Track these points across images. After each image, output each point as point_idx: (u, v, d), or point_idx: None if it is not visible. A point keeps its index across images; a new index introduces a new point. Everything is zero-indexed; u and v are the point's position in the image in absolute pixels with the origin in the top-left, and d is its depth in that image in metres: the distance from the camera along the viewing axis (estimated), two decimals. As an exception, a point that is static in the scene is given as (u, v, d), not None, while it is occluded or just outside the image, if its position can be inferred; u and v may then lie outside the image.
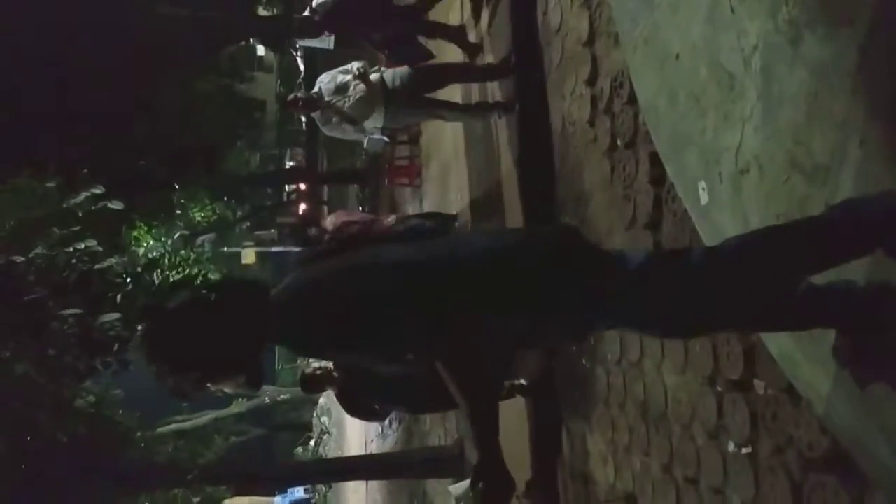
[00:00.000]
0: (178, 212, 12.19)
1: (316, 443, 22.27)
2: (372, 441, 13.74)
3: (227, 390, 2.02)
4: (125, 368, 5.59)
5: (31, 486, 6.05)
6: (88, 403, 6.84)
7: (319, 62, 17.85)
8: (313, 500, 20.54)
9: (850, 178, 1.98)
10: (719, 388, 3.15)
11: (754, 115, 2.33)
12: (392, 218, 8.07)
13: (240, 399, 23.23)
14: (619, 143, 4.02)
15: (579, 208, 4.64)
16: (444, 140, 8.51)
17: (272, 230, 23.73)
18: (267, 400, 23.53)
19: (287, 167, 26.72)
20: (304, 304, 1.91)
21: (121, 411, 9.21)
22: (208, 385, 1.97)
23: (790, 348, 2.35)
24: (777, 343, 2.45)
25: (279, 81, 26.33)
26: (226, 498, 17.43)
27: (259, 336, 1.94)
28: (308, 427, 24.76)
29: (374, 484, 13.09)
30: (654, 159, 3.56)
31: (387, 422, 12.48)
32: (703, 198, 2.71)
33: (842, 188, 2.00)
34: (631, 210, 3.85)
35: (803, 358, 2.27)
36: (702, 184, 2.69)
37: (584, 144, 4.55)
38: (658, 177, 3.58)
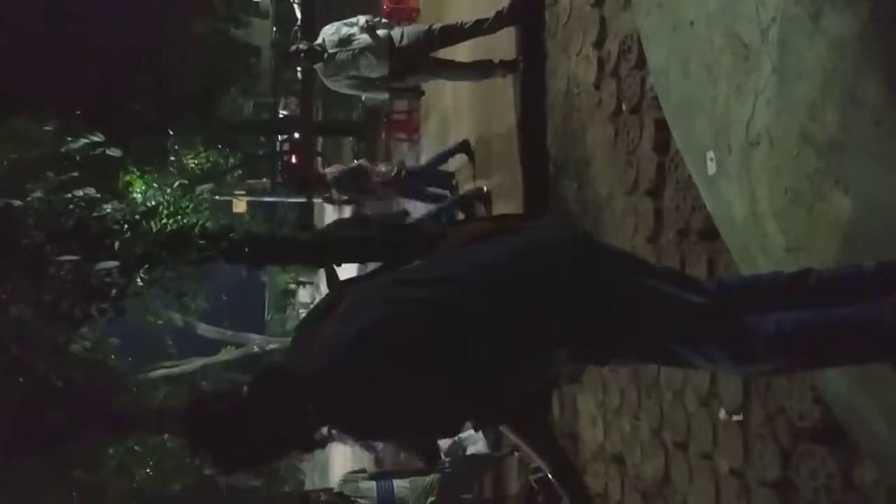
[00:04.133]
0: (172, 158, 12.11)
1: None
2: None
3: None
4: (121, 316, 5.60)
5: (26, 427, 6.10)
6: (84, 349, 6.85)
7: (317, 10, 17.55)
8: (299, 449, 20.74)
9: (863, 157, 1.98)
10: (714, 357, 3.20)
11: (768, 88, 2.33)
12: (394, 167, 8.01)
13: (228, 347, 23.36)
14: (624, 107, 4.00)
15: (580, 171, 4.63)
16: (445, 96, 8.43)
17: (264, 179, 23.56)
18: (256, 349, 23.65)
19: (281, 116, 26.44)
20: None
21: (113, 356, 9.26)
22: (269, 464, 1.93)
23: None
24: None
25: (275, 28, 25.89)
26: (213, 443, 17.64)
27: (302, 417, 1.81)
28: (295, 377, 24.91)
29: (360, 435, 13.24)
30: (660, 126, 3.55)
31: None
32: (711, 168, 2.71)
33: (853, 166, 2.01)
34: (633, 176, 3.85)
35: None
36: (710, 154, 2.69)
37: (588, 107, 4.52)
38: (662, 144, 3.57)
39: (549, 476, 2.09)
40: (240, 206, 21.84)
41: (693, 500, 3.33)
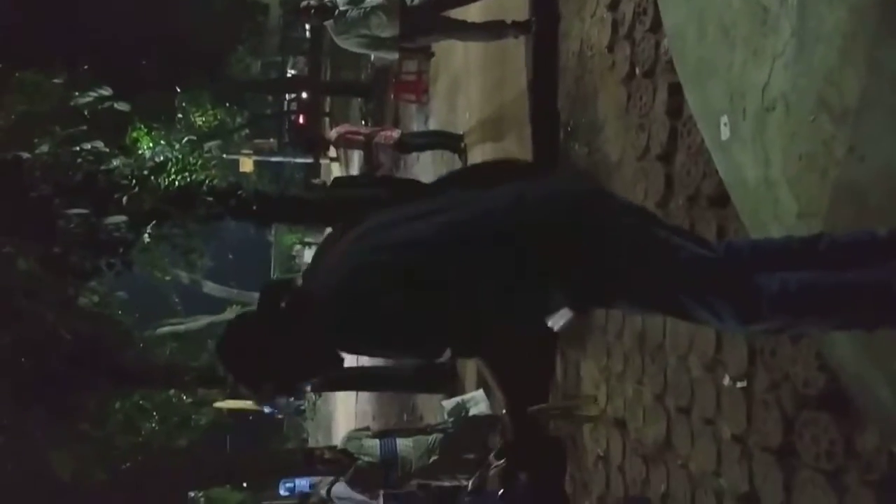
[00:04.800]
0: (180, 115, 12.05)
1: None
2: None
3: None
4: (129, 270, 5.63)
5: (33, 380, 6.16)
6: (92, 303, 6.91)
7: (327, -32, 17.33)
8: (303, 408, 20.98)
9: (880, 124, 1.96)
10: (720, 323, 3.20)
11: (786, 52, 2.30)
12: (397, 132, 8.00)
13: (234, 305, 23.48)
14: (637, 71, 3.95)
15: (591, 135, 4.60)
16: (455, 57, 8.35)
17: (271, 139, 23.47)
18: (260, 307, 23.76)
19: (289, 75, 26.26)
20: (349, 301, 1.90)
21: (120, 311, 9.32)
22: (293, 389, 2.04)
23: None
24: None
25: (284, -14, 25.62)
26: (218, 400, 17.85)
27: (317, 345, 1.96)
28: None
29: (363, 395, 13.39)
30: (673, 90, 3.52)
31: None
32: (725, 133, 2.69)
33: (870, 133, 1.99)
34: (644, 140, 3.82)
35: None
36: (724, 118, 2.66)
37: (601, 70, 4.47)
38: (675, 108, 3.54)
39: (504, 412, 2.13)
40: (247, 165, 21.78)
41: (694, 465, 3.35)
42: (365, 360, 10.88)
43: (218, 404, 18.01)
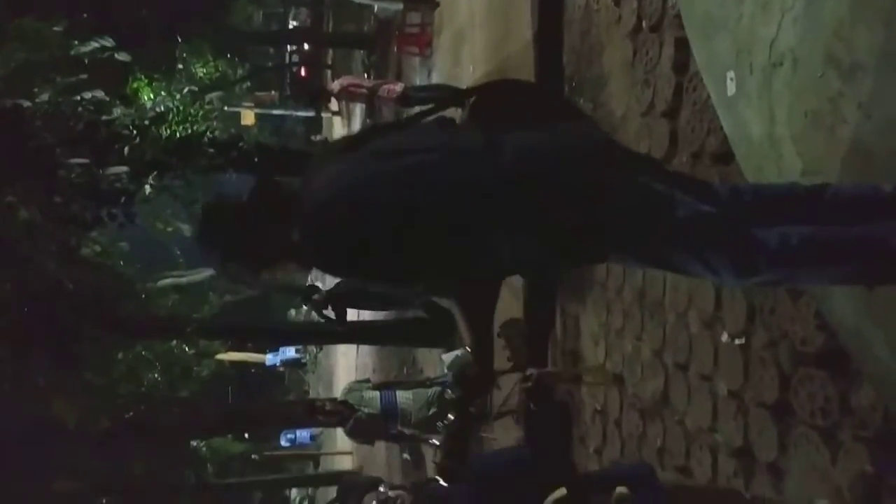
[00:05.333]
0: (180, 66, 11.92)
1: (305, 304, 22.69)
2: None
3: (282, 276, 2.10)
4: (132, 221, 5.62)
5: (35, 330, 6.20)
6: (94, 253, 6.92)
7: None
8: (304, 360, 21.17)
9: (889, 81, 1.94)
10: (720, 281, 3.21)
11: (795, 6, 2.26)
12: (399, 86, 7.91)
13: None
14: (644, 25, 3.90)
15: (595, 91, 4.56)
16: (460, 10, 8.24)
17: (273, 92, 23.27)
18: (262, 262, 23.81)
19: (291, 27, 25.93)
20: (334, 217, 1.93)
21: (122, 263, 9.34)
22: (262, 272, 2.05)
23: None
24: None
25: (286, -65, 25.13)
26: (220, 352, 18.00)
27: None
28: (301, 289, 25.16)
29: (364, 349, 13.50)
30: (680, 45, 3.47)
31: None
32: (731, 88, 2.66)
33: (878, 90, 1.97)
34: (650, 96, 3.78)
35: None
36: (730, 74, 2.63)
37: (606, 24, 4.41)
38: (681, 63, 3.50)
39: (468, 349, 2.15)
40: (248, 118, 21.62)
41: (690, 420, 3.39)
42: (366, 315, 10.97)
43: (220, 356, 18.21)
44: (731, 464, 3.04)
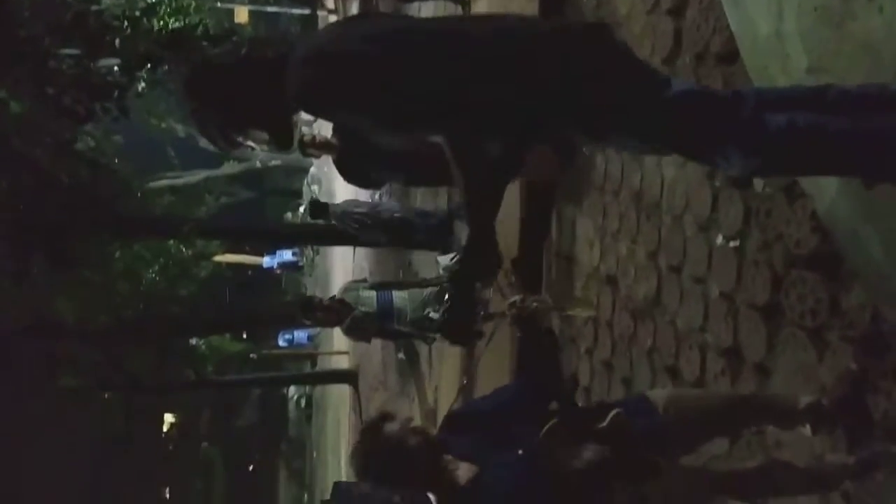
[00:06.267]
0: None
1: (305, 210, 22.75)
2: (361, 212, 14.03)
3: (255, 146, 2.08)
4: (125, 115, 5.53)
5: (32, 228, 6.19)
6: (88, 147, 6.84)
7: None
8: (300, 263, 21.33)
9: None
10: (717, 184, 3.21)
11: None
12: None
13: (231, 161, 23.38)
14: (651, -82, 3.75)
15: (600, -12, 4.42)
16: None
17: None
18: (258, 164, 23.70)
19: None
20: (336, 60, 1.94)
21: (117, 160, 9.26)
22: (235, 136, 2.02)
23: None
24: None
25: None
26: (217, 254, 18.12)
27: (281, 95, 1.98)
28: (298, 194, 25.16)
29: (360, 252, 13.56)
30: (688, -61, 3.36)
31: (377, 195, 12.70)
32: (739, -17, 2.58)
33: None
34: (656, -8, 3.68)
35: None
36: (740, -32, 2.55)
37: (613, -84, 4.24)
38: (689, -41, 3.39)
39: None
40: (241, 15, 21.02)
41: (681, 321, 3.45)
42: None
43: (217, 258, 18.34)
44: (720, 363, 3.11)
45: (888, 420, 2.28)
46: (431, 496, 2.25)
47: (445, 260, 5.86)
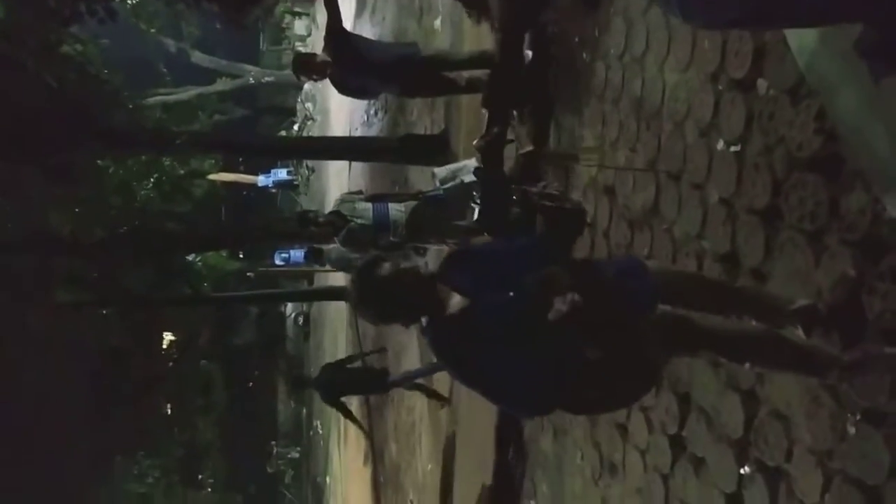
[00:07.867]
0: None
1: (299, 128, 22.46)
2: (357, 129, 13.88)
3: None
4: (112, 19, 5.35)
5: (21, 132, 6.05)
6: (76, 52, 6.64)
7: None
8: (296, 182, 21.18)
9: None
10: (720, 87, 3.14)
11: None
12: None
13: (223, 77, 22.94)
14: None
15: None
16: None
17: None
18: (251, 80, 23.27)
19: None
20: None
21: (106, 71, 9.04)
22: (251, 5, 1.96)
23: (812, 40, 2.29)
24: (798, 35, 2.38)
25: None
26: (212, 172, 17.97)
27: None
28: (292, 112, 24.81)
29: (356, 169, 13.46)
30: None
31: (373, 111, 12.52)
32: None
33: None
34: None
35: (823, 49, 2.22)
36: None
37: None
38: None
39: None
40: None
41: (678, 229, 3.43)
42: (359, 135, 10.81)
43: (212, 176, 18.19)
44: (716, 269, 3.10)
45: (882, 320, 2.28)
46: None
47: (442, 172, 5.81)
